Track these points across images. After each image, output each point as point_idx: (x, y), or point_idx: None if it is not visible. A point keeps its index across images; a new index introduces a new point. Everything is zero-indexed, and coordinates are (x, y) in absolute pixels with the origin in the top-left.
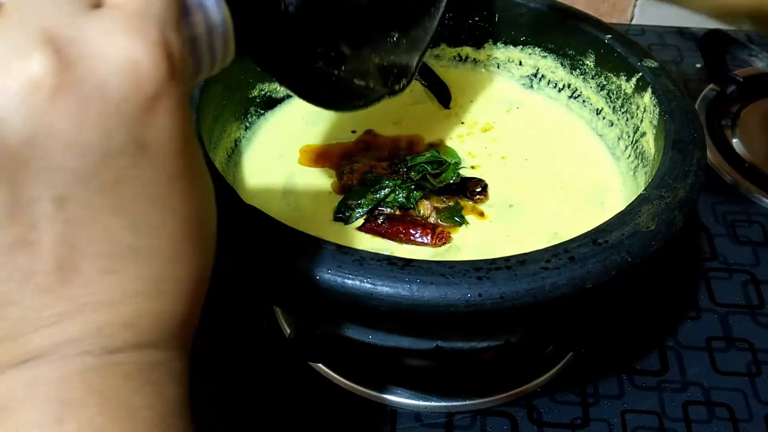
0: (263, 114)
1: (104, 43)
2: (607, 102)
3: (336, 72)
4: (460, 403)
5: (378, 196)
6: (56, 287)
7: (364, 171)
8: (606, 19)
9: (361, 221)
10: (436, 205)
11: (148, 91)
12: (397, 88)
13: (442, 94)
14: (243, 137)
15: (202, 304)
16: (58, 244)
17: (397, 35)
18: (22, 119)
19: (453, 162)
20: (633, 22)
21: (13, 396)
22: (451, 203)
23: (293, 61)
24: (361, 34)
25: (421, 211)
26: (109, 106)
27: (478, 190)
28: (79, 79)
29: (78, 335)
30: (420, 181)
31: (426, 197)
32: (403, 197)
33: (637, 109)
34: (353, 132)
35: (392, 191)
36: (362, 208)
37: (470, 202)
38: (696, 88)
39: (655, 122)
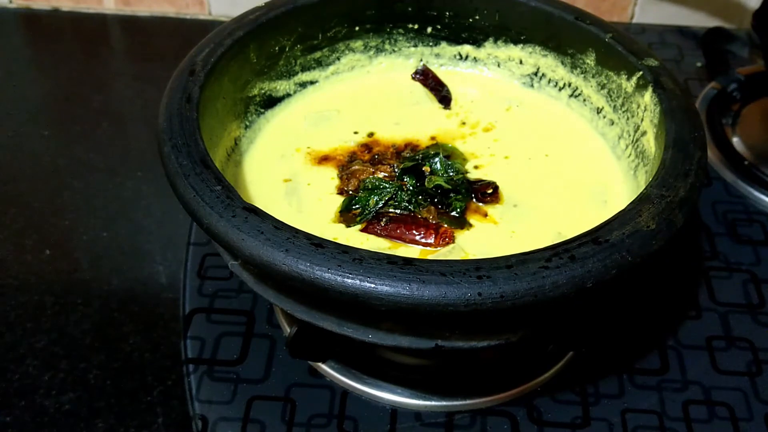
0: (263, 113)
1: None
2: (607, 101)
3: None
4: (460, 402)
5: (380, 199)
6: None
7: (367, 174)
8: (606, 18)
9: (364, 223)
10: (441, 211)
11: None
12: None
13: (443, 95)
14: (243, 136)
15: None
16: None
17: None
18: None
19: (458, 162)
20: (633, 21)
21: None
22: (454, 212)
23: None
24: None
25: (424, 216)
26: None
27: (489, 191)
28: None
29: None
30: (424, 186)
31: (429, 202)
32: (405, 201)
33: (638, 108)
34: (355, 133)
35: (395, 195)
36: (365, 211)
37: (480, 204)
38: (697, 87)
39: (655, 121)
